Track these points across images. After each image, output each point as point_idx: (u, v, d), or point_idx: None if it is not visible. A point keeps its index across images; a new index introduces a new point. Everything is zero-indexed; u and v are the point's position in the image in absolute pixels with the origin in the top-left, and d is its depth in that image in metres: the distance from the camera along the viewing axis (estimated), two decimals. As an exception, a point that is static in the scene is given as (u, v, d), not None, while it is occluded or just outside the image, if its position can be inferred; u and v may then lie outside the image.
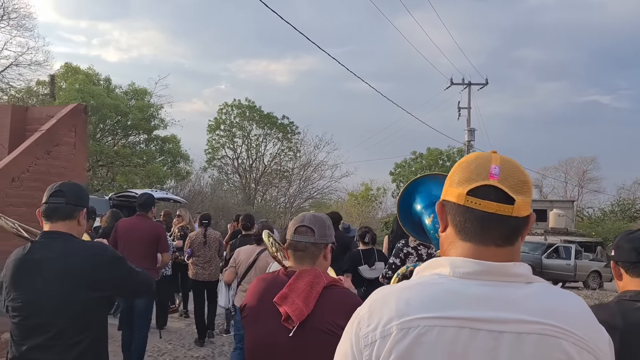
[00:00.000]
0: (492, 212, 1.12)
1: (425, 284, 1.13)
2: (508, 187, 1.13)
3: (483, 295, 1.08)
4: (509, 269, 1.11)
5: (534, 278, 1.13)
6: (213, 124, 36.11)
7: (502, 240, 1.14)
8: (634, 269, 1.97)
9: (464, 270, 1.11)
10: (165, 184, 21.99)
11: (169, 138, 22.80)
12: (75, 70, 21.71)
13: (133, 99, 22.10)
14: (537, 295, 1.09)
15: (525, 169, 1.21)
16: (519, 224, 1.15)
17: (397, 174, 36.87)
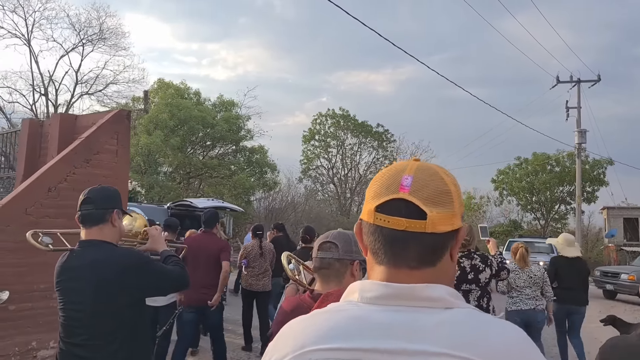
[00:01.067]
0: (402, 229, 0.96)
1: (331, 311, 1.00)
2: (421, 200, 0.96)
3: (387, 322, 0.93)
4: (421, 292, 0.95)
5: (455, 303, 0.96)
6: (308, 135, 35.87)
7: (417, 262, 0.98)
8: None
9: (370, 295, 0.97)
10: (253, 195, 21.75)
11: (256, 149, 22.59)
12: (167, 86, 22.14)
13: (222, 111, 22.13)
14: (453, 323, 0.92)
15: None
16: (439, 241, 0.98)
17: (499, 181, 34.51)
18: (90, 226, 2.54)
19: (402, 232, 0.96)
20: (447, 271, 1.01)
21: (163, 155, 19.74)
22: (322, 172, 35.93)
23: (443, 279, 0.99)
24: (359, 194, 35.58)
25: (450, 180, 1.02)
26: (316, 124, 35.85)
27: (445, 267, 1.01)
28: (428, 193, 0.97)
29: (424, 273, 0.97)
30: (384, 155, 35.72)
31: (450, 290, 0.97)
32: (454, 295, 0.97)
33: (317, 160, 35.90)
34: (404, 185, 0.98)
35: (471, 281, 4.99)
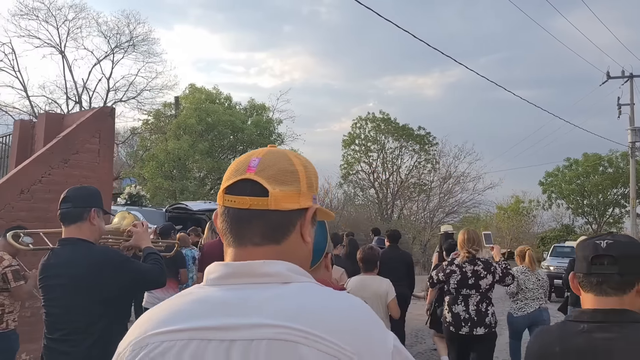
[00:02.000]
0: (247, 207, 0.99)
1: (180, 296, 1.02)
2: (265, 178, 0.99)
3: (223, 300, 0.95)
4: (257, 268, 0.97)
5: (293, 277, 0.97)
6: (348, 139, 35.09)
7: (260, 238, 1.00)
8: (585, 282, 1.68)
9: (212, 276, 1.00)
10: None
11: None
12: (199, 91, 21.90)
13: (254, 114, 21.69)
14: (287, 296, 0.94)
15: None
16: (284, 218, 1.01)
17: (548, 183, 32.86)
18: (68, 224, 2.59)
19: (247, 211, 0.99)
20: (295, 250, 1.02)
21: (192, 160, 19.42)
22: (362, 176, 35.06)
23: (291, 257, 1.00)
24: (401, 197, 34.53)
25: (300, 162, 1.05)
26: (356, 128, 35.04)
27: (294, 246, 1.02)
28: (272, 172, 1.00)
29: (268, 250, 1.00)
30: (425, 159, 34.54)
31: (291, 266, 0.98)
32: (294, 271, 0.98)
33: (358, 165, 35.06)
34: (251, 167, 1.01)
35: (471, 286, 5.04)
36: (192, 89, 21.98)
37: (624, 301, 1.61)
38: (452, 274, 5.14)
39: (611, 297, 1.62)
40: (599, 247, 1.66)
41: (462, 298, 5.10)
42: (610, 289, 1.62)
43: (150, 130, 21.57)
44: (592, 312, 1.63)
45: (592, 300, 1.65)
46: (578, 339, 1.59)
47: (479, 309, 5.05)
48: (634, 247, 1.68)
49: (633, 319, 1.58)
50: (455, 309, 5.11)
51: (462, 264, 5.13)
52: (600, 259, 1.64)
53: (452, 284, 5.12)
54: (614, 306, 1.61)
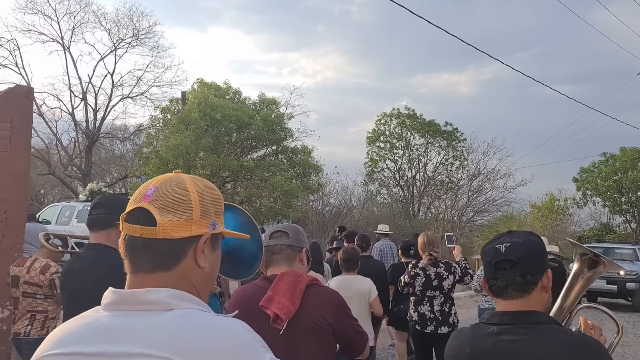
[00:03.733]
0: (138, 235, 1.04)
1: (79, 317, 1.06)
2: (156, 207, 1.04)
3: (108, 326, 1.00)
4: (141, 296, 1.01)
5: (178, 304, 1.01)
6: (372, 136, 33.67)
7: (151, 266, 1.04)
8: (493, 286, 1.75)
9: (105, 302, 1.05)
10: (296, 198, 19.96)
11: (298, 149, 20.82)
12: (207, 86, 20.96)
13: (264, 109, 20.61)
14: (165, 323, 0.98)
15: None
16: (174, 247, 1.05)
17: (582, 180, 30.65)
18: (98, 230, 2.59)
19: (140, 239, 1.04)
20: (187, 275, 1.05)
21: (197, 157, 18.47)
22: (388, 174, 33.58)
23: (182, 283, 1.04)
24: (428, 195, 32.93)
25: (196, 190, 1.08)
26: (380, 124, 33.58)
27: (186, 272, 1.05)
28: (164, 202, 1.04)
29: (157, 277, 1.04)
30: (453, 156, 32.81)
31: (175, 293, 1.01)
32: (177, 297, 1.01)
33: (383, 162, 33.59)
34: (146, 195, 1.05)
35: (435, 288, 5.27)
36: (201, 84, 21.06)
37: (529, 301, 1.70)
38: (417, 276, 5.33)
39: (517, 300, 1.71)
40: (498, 251, 1.74)
41: (427, 299, 5.29)
42: (515, 291, 1.71)
43: (156, 127, 20.76)
44: (501, 315, 1.72)
45: (501, 304, 1.74)
46: (487, 341, 1.69)
47: (443, 310, 5.26)
48: (532, 245, 1.74)
49: (539, 321, 1.67)
50: (421, 309, 5.31)
51: (425, 266, 5.32)
52: (502, 263, 1.72)
53: (417, 286, 5.30)
54: (520, 308, 1.70)
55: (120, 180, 24.14)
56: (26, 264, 4.34)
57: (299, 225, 2.55)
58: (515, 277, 1.70)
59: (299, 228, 2.49)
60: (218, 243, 1.14)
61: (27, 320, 4.24)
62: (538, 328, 1.65)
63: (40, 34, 21.22)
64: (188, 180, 1.10)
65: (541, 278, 1.72)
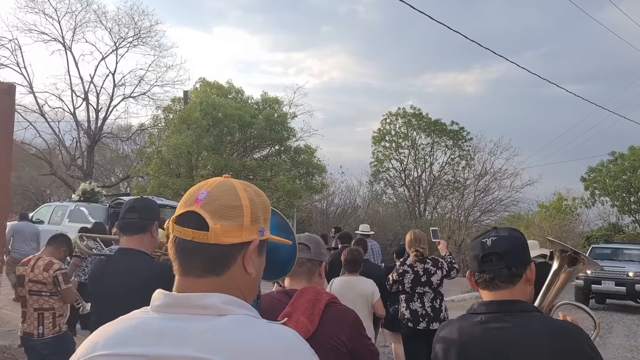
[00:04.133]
0: (190, 239, 1.05)
1: (126, 319, 1.07)
2: (208, 212, 1.04)
3: (160, 329, 1.01)
4: (196, 300, 1.02)
5: (230, 310, 1.02)
6: (377, 135, 33.36)
7: (201, 270, 1.06)
8: (479, 279, 1.81)
9: (156, 304, 1.05)
10: (299, 198, 19.71)
11: (301, 149, 20.57)
12: (210, 85, 20.76)
13: (267, 108, 20.38)
14: (219, 329, 0.99)
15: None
16: (225, 252, 1.06)
17: (591, 179, 30.18)
18: (131, 234, 2.57)
19: (191, 243, 1.04)
20: (237, 281, 1.07)
21: (199, 157, 18.26)
22: (393, 174, 33.24)
23: (232, 288, 1.06)
24: (434, 195, 32.57)
25: (247, 196, 1.08)
26: (386, 123, 33.24)
27: (235, 278, 1.07)
28: (216, 206, 1.04)
29: (208, 281, 1.05)
30: (459, 155, 32.43)
31: (228, 298, 1.03)
32: (230, 303, 1.02)
33: (388, 162, 33.26)
34: (198, 199, 1.06)
35: (424, 284, 5.30)
36: (203, 83, 20.86)
37: (514, 292, 1.76)
38: (405, 273, 5.36)
39: (503, 290, 1.77)
40: (485, 245, 1.80)
41: (417, 296, 5.33)
42: (501, 282, 1.77)
43: (158, 127, 20.55)
44: (488, 304, 1.78)
45: (487, 295, 1.79)
46: (476, 329, 1.75)
47: (434, 305, 5.31)
48: (516, 240, 1.82)
49: (523, 309, 1.74)
50: (413, 306, 5.34)
51: (413, 263, 5.36)
52: (488, 256, 1.78)
53: (406, 283, 5.34)
54: (506, 298, 1.76)
55: (124, 180, 24.00)
56: (30, 262, 4.41)
57: (317, 236, 2.52)
58: (502, 269, 1.76)
59: (320, 240, 2.47)
60: (264, 249, 1.16)
61: (36, 321, 4.29)
62: (523, 316, 1.72)
63: (42, 33, 21.09)
64: (239, 186, 1.11)
65: (525, 271, 1.78)
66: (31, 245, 9.94)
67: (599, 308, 15.66)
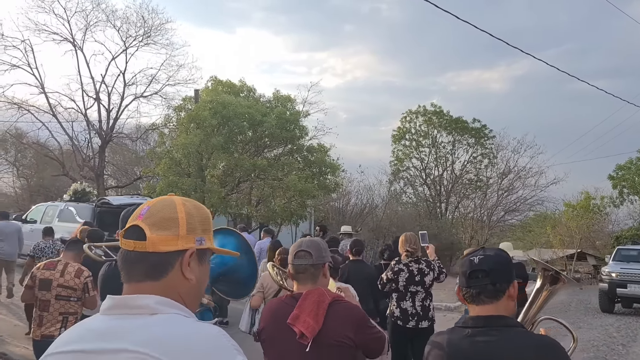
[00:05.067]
0: (131, 249, 1.17)
1: (80, 322, 1.21)
2: (147, 225, 1.17)
3: (102, 328, 1.13)
4: (132, 301, 1.14)
5: (161, 309, 1.13)
6: (397, 134, 32.54)
7: (141, 276, 1.17)
8: (467, 294, 1.94)
9: (103, 307, 1.17)
10: (313, 198, 19.09)
11: (314, 147, 19.93)
12: (221, 84, 20.28)
13: (279, 106, 19.83)
14: (149, 325, 1.10)
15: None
16: (160, 259, 1.17)
17: (619, 177, 28.88)
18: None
19: (133, 253, 1.17)
20: (175, 285, 1.18)
21: (210, 156, 17.80)
22: (414, 172, 32.38)
23: (170, 292, 1.17)
24: (456, 194, 31.59)
25: (184, 210, 1.21)
26: (405, 122, 32.41)
27: (174, 282, 1.18)
28: (154, 220, 1.18)
29: (147, 286, 1.16)
30: (482, 153, 31.41)
31: (161, 299, 1.14)
32: (163, 303, 1.14)
33: (409, 161, 32.42)
34: (141, 214, 1.20)
35: (418, 283, 5.47)
36: (215, 82, 20.40)
37: (498, 307, 1.89)
38: (401, 272, 5.51)
39: (488, 305, 1.90)
40: (472, 263, 1.93)
41: (410, 295, 5.46)
42: (486, 297, 1.90)
43: (169, 126, 20.15)
44: (475, 319, 1.91)
45: (474, 309, 1.93)
46: (463, 342, 1.87)
47: (424, 305, 5.45)
48: (502, 259, 1.96)
49: (508, 324, 1.87)
50: (404, 304, 5.45)
51: (408, 263, 5.53)
52: (475, 273, 1.91)
53: (400, 281, 5.47)
54: (491, 313, 1.88)
55: (137, 181, 23.76)
56: (57, 267, 4.48)
57: (319, 240, 2.71)
58: (487, 285, 1.89)
59: (321, 244, 2.61)
60: (206, 258, 1.26)
61: (59, 323, 4.39)
62: (508, 330, 1.85)
63: (53, 33, 20.90)
64: (178, 201, 1.23)
65: (509, 287, 1.91)
66: (11, 243, 9.81)
67: (625, 313, 14.67)
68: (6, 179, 33.65)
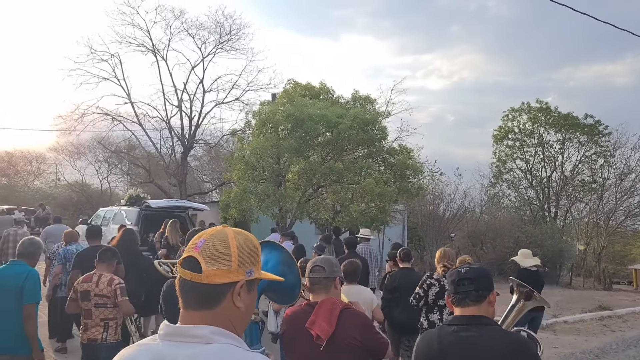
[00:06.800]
0: (188, 279, 1.27)
1: (139, 344, 1.31)
2: (204, 258, 1.27)
3: (160, 353, 1.23)
4: (188, 330, 1.24)
5: (216, 339, 1.23)
6: (498, 134, 30.04)
7: (196, 305, 1.27)
8: (454, 299, 2.33)
9: (160, 333, 1.28)
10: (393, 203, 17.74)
11: (395, 149, 18.52)
12: (300, 87, 19.55)
13: (357, 106, 18.72)
14: (203, 354, 1.20)
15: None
16: (214, 290, 1.27)
17: None
18: None
19: (190, 282, 1.27)
20: (226, 314, 1.29)
21: (282, 160, 17.11)
22: (518, 174, 29.67)
23: (222, 320, 1.27)
24: (568, 197, 28.45)
25: (236, 244, 1.31)
26: (507, 120, 29.83)
27: (225, 311, 1.29)
28: (209, 253, 1.28)
29: (202, 314, 1.27)
30: (596, 152, 28.08)
31: (215, 329, 1.25)
32: (217, 333, 1.24)
33: (512, 162, 29.78)
34: (198, 246, 1.29)
35: None
36: (293, 85, 19.71)
37: (480, 309, 2.30)
38: (432, 286, 5.60)
39: (471, 307, 2.30)
40: (460, 273, 2.36)
41: (437, 308, 5.54)
42: (470, 301, 2.30)
43: (248, 131, 19.74)
44: (459, 318, 2.30)
45: (459, 311, 2.32)
46: (450, 336, 2.26)
47: None
48: (484, 271, 2.42)
49: (487, 323, 2.27)
50: (432, 317, 5.57)
51: (440, 278, 5.62)
52: (462, 281, 2.32)
53: (430, 295, 5.56)
54: (473, 313, 2.28)
55: (219, 187, 23.72)
56: (93, 279, 4.90)
57: (331, 257, 3.30)
58: (471, 291, 2.30)
59: (332, 260, 3.14)
60: (254, 286, 1.36)
61: (101, 328, 4.79)
62: (487, 327, 2.25)
63: (141, 45, 21.37)
64: (231, 234, 1.32)
65: (489, 295, 2.33)
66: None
67: None
68: (120, 187, 35.47)
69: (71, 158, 33.56)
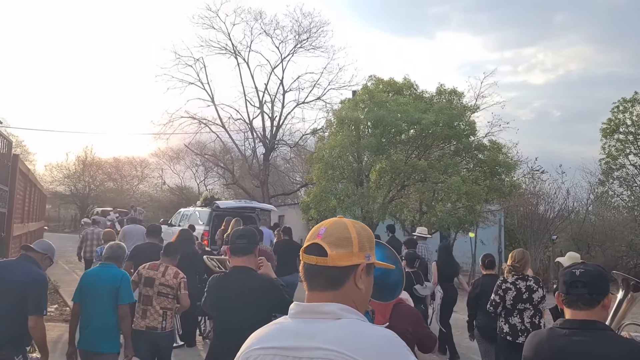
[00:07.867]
0: (314, 263, 1.41)
1: (271, 324, 1.44)
2: (327, 244, 1.40)
3: (295, 329, 1.36)
4: (319, 308, 1.37)
5: (344, 315, 1.35)
6: (607, 127, 27.19)
7: (323, 286, 1.40)
8: (565, 300, 2.26)
9: (292, 312, 1.42)
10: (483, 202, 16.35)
11: (485, 145, 17.05)
12: (382, 83, 18.60)
13: (442, 100, 17.49)
14: (337, 328, 1.32)
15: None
16: (339, 272, 1.40)
17: None
18: (242, 255, 3.49)
19: (315, 266, 1.41)
20: (350, 294, 1.41)
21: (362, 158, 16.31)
22: (632, 171, 26.67)
23: (346, 299, 1.39)
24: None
25: (355, 230, 1.44)
26: (618, 112, 26.91)
27: (349, 292, 1.41)
28: (332, 239, 1.41)
29: (328, 294, 1.39)
30: None
31: (343, 306, 1.37)
32: (344, 310, 1.37)
33: (624, 158, 26.83)
34: (320, 234, 1.43)
35: (526, 300, 5.40)
36: (375, 81, 18.79)
37: (593, 313, 2.21)
38: (508, 290, 5.45)
39: (584, 311, 2.21)
40: (574, 274, 2.26)
41: (517, 312, 5.41)
42: (583, 304, 2.21)
43: (329, 130, 19.06)
44: (572, 322, 2.22)
45: (571, 313, 2.25)
46: (561, 340, 2.20)
47: (533, 322, 5.37)
48: (599, 273, 2.26)
49: (600, 328, 2.19)
50: (512, 320, 5.42)
51: (515, 281, 5.46)
52: (575, 283, 2.23)
53: (508, 300, 5.41)
54: (586, 318, 2.20)
55: (301, 187, 23.27)
56: (159, 269, 5.20)
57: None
58: (584, 295, 2.20)
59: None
60: (371, 270, 1.48)
61: (160, 317, 5.05)
62: (601, 332, 2.15)
63: (223, 47, 21.41)
64: (349, 223, 1.46)
65: (604, 299, 2.22)
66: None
67: None
68: (217, 189, 36.36)
69: (171, 162, 34.80)
